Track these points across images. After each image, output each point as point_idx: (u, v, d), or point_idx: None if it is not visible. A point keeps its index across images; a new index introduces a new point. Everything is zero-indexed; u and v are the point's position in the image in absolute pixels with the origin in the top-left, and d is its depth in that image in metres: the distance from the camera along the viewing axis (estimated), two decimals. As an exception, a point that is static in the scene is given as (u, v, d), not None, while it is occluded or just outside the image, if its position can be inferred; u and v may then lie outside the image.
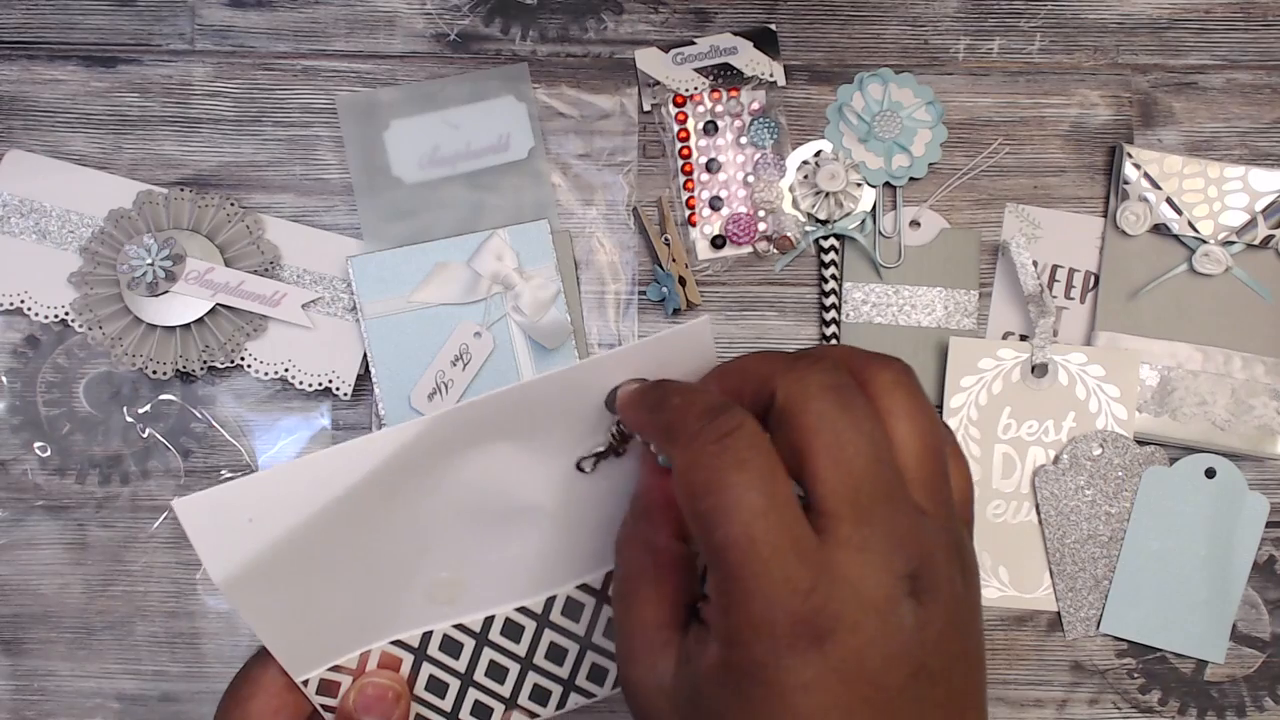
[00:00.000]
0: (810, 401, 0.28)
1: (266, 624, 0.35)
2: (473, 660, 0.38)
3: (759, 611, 0.27)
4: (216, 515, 0.33)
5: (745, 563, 0.27)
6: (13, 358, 0.57)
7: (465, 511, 0.36)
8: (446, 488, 0.35)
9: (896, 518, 0.28)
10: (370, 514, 0.34)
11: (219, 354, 0.56)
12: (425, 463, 0.34)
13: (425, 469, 0.35)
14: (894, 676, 0.27)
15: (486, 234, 0.57)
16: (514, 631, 0.38)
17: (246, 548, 0.33)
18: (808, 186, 0.58)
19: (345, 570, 0.35)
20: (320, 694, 0.36)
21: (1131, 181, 0.58)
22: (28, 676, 0.57)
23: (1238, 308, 0.58)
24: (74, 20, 0.59)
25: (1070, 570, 0.57)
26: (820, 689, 0.27)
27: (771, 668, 0.27)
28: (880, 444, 0.28)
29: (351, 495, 0.34)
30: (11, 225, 0.57)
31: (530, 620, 0.38)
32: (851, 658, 0.27)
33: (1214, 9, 0.60)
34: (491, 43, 0.59)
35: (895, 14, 0.60)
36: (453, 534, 0.36)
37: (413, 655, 0.37)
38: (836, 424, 0.28)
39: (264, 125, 0.59)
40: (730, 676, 0.28)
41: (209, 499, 0.32)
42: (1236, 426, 0.58)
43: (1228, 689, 0.58)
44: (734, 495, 0.27)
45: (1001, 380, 0.58)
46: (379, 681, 0.36)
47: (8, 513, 0.57)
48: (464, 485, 0.35)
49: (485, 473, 0.35)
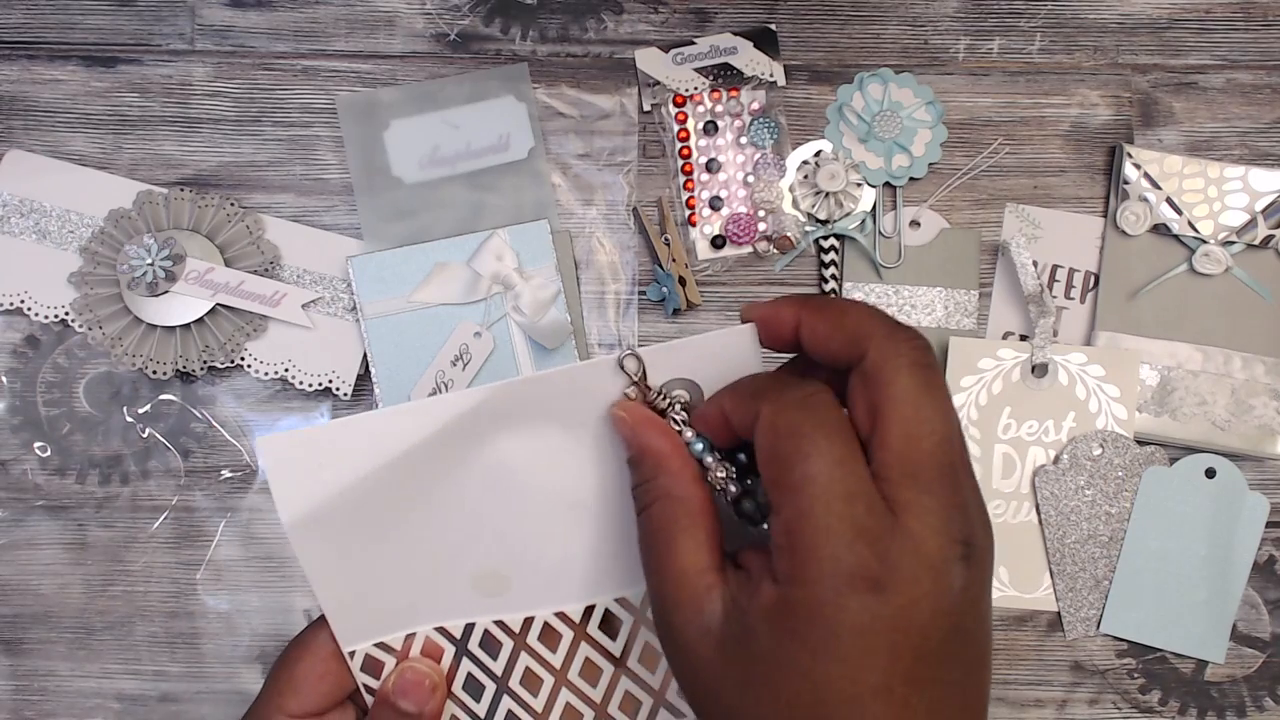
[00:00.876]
0: (901, 374, 0.30)
1: (322, 579, 0.35)
2: (509, 664, 0.38)
3: (829, 551, 0.28)
4: (295, 456, 0.34)
5: (823, 503, 0.29)
6: (13, 358, 0.57)
7: (513, 498, 0.37)
8: (498, 466, 0.36)
9: (953, 491, 0.30)
10: (426, 482, 0.35)
11: (219, 354, 0.56)
12: (482, 435, 0.35)
13: (480, 442, 0.35)
14: (936, 631, 0.29)
15: (486, 234, 0.57)
16: (551, 639, 0.38)
17: (315, 494, 0.34)
18: (808, 186, 0.58)
19: (401, 538, 0.36)
20: (364, 670, 0.37)
21: (1131, 181, 0.58)
22: (28, 676, 0.57)
23: (1238, 308, 0.58)
24: (74, 20, 0.59)
25: (1070, 570, 0.57)
26: (873, 633, 0.28)
27: (831, 607, 0.28)
28: (950, 425, 0.31)
29: (412, 457, 0.34)
30: (11, 225, 0.57)
31: (568, 629, 0.38)
32: (905, 608, 0.28)
33: (1214, 9, 0.60)
34: (491, 43, 0.59)
35: (895, 14, 0.60)
36: (500, 521, 0.37)
37: (454, 647, 0.38)
38: (919, 400, 0.30)
39: (264, 125, 0.59)
40: (787, 615, 0.29)
41: (292, 438, 0.33)
42: (1236, 426, 0.58)
43: (1228, 689, 0.58)
44: (817, 440, 0.30)
45: (1001, 380, 0.58)
46: (419, 668, 0.37)
47: (8, 513, 0.57)
48: (515, 468, 0.36)
49: (535, 458, 0.36)
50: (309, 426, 0.34)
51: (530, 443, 0.36)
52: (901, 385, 0.30)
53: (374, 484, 0.34)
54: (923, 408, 0.30)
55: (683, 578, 0.32)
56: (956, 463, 0.30)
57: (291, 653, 0.37)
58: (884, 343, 0.31)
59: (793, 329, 0.34)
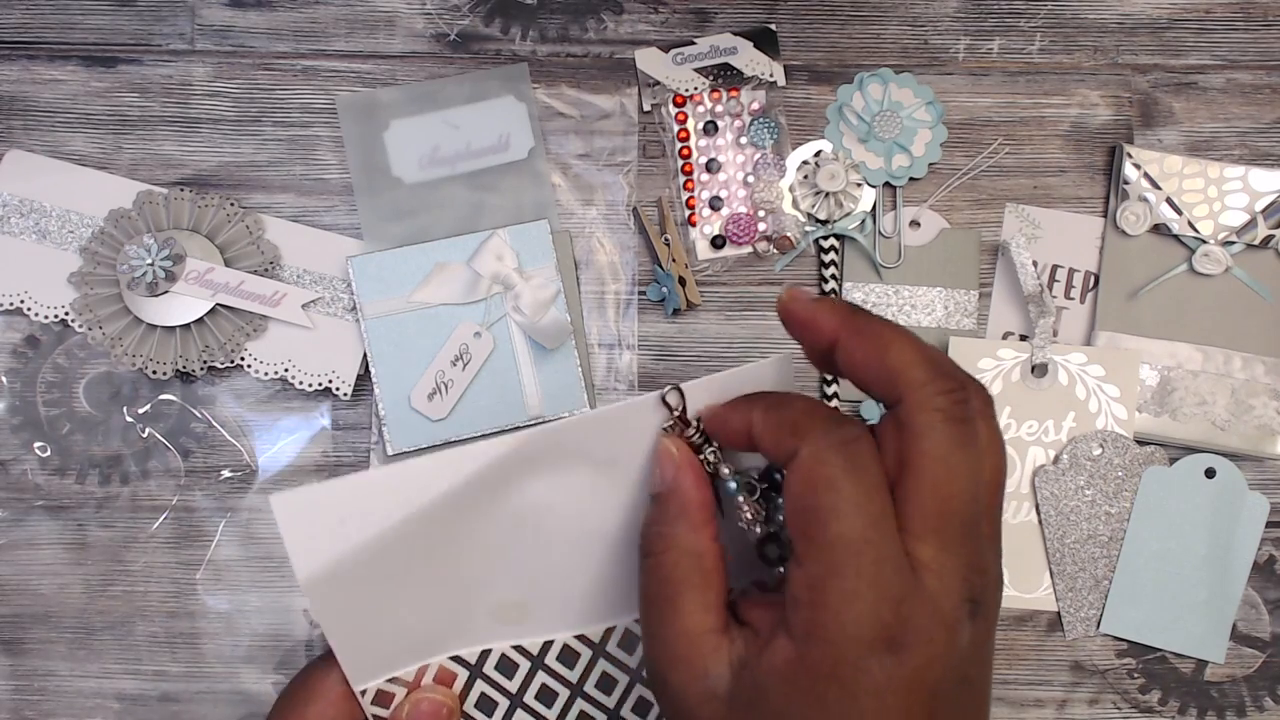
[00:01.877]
0: (935, 429, 0.30)
1: (338, 628, 0.34)
2: (525, 682, 0.38)
3: (854, 614, 0.28)
4: (311, 513, 0.33)
5: (854, 566, 0.28)
6: (13, 358, 0.57)
7: (540, 534, 0.36)
8: (526, 508, 0.35)
9: (973, 548, 0.30)
10: (451, 528, 0.34)
11: (219, 354, 0.56)
12: (510, 480, 0.34)
13: (509, 487, 0.34)
14: (947, 685, 0.29)
15: (486, 234, 0.57)
16: (569, 658, 0.38)
17: (333, 549, 0.33)
18: (808, 186, 0.58)
19: (419, 582, 0.35)
20: (375, 704, 0.36)
21: (1131, 181, 0.58)
22: (28, 676, 0.57)
23: (1238, 308, 0.58)
24: (74, 20, 0.59)
25: (1070, 570, 0.57)
26: (889, 693, 0.28)
27: (850, 667, 0.28)
28: (979, 481, 0.30)
29: (438, 507, 0.33)
30: (11, 225, 0.57)
31: (587, 649, 0.38)
32: (920, 668, 0.28)
33: (1214, 9, 0.60)
34: (491, 43, 0.59)
35: (895, 14, 0.60)
36: (525, 556, 0.36)
37: (469, 672, 0.37)
38: (951, 458, 0.30)
39: (264, 125, 0.59)
40: (804, 675, 0.29)
41: (306, 496, 0.32)
42: (1236, 426, 0.58)
43: (1228, 689, 0.58)
44: (853, 498, 0.29)
45: (1001, 380, 0.58)
46: (433, 698, 0.36)
47: (8, 513, 0.57)
48: (542, 508, 0.35)
49: (563, 496, 0.35)
50: (324, 482, 0.33)
51: (559, 483, 0.35)
52: (934, 440, 0.29)
53: (394, 536, 0.34)
54: (955, 466, 0.29)
55: (687, 638, 0.32)
56: (982, 516, 0.30)
57: (297, 695, 0.36)
58: (921, 392, 0.30)
59: (829, 342, 0.33)
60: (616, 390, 0.58)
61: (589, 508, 0.36)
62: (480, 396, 0.56)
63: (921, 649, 0.28)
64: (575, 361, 0.57)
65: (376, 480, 0.33)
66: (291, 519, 0.32)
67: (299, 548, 0.33)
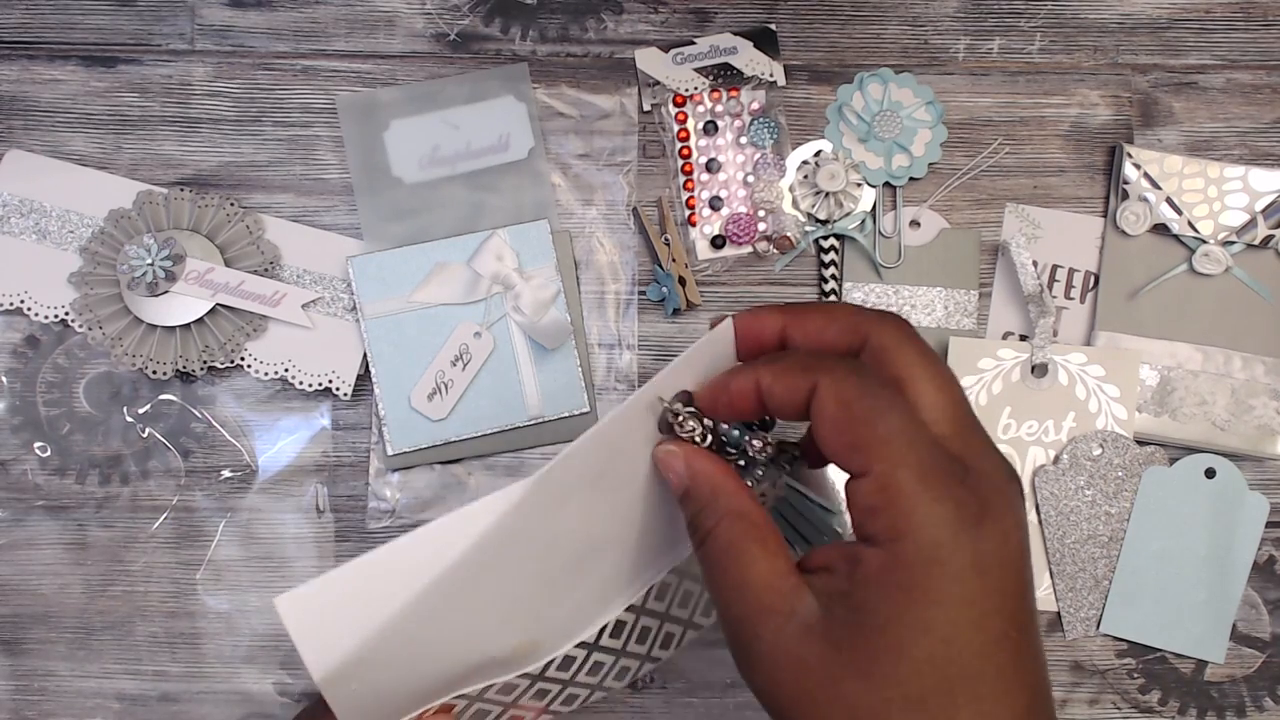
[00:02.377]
0: (905, 343, 0.33)
1: (348, 703, 0.34)
2: (521, 694, 0.38)
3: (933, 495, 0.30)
4: (318, 610, 0.32)
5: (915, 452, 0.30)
6: (13, 358, 0.57)
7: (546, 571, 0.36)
8: (532, 553, 0.35)
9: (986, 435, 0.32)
10: (460, 591, 0.34)
11: (219, 354, 0.56)
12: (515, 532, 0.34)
13: (514, 539, 0.34)
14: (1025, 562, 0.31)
15: (486, 234, 0.57)
16: (567, 664, 0.38)
17: (345, 642, 0.32)
18: (808, 186, 0.58)
19: (431, 647, 0.35)
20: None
21: (1131, 181, 0.58)
22: (28, 676, 0.57)
23: (1238, 308, 0.58)
24: (74, 20, 0.59)
25: (1070, 570, 0.57)
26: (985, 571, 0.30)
27: (946, 548, 0.29)
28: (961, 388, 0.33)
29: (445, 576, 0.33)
30: (11, 225, 0.57)
31: (583, 650, 0.38)
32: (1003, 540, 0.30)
33: (1214, 9, 0.60)
34: (491, 43, 0.59)
35: (895, 14, 0.60)
36: (534, 598, 0.36)
37: (468, 701, 0.37)
38: (933, 367, 0.33)
39: (264, 125, 0.59)
40: (904, 571, 0.30)
41: (311, 593, 0.32)
42: (1236, 426, 0.58)
43: (1228, 689, 0.58)
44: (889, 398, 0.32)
45: (1001, 380, 0.58)
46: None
47: (8, 513, 0.57)
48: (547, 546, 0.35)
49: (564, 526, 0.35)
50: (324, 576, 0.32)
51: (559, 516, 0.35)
52: (912, 350, 0.33)
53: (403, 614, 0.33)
54: (938, 372, 0.33)
55: (765, 585, 0.32)
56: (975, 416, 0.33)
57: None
58: (881, 325, 0.34)
59: (776, 334, 0.35)
60: (617, 390, 0.58)
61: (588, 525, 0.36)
62: (480, 396, 0.56)
63: (999, 519, 0.30)
64: (575, 361, 0.57)
65: (379, 560, 0.32)
66: (299, 620, 0.32)
67: (310, 647, 0.32)
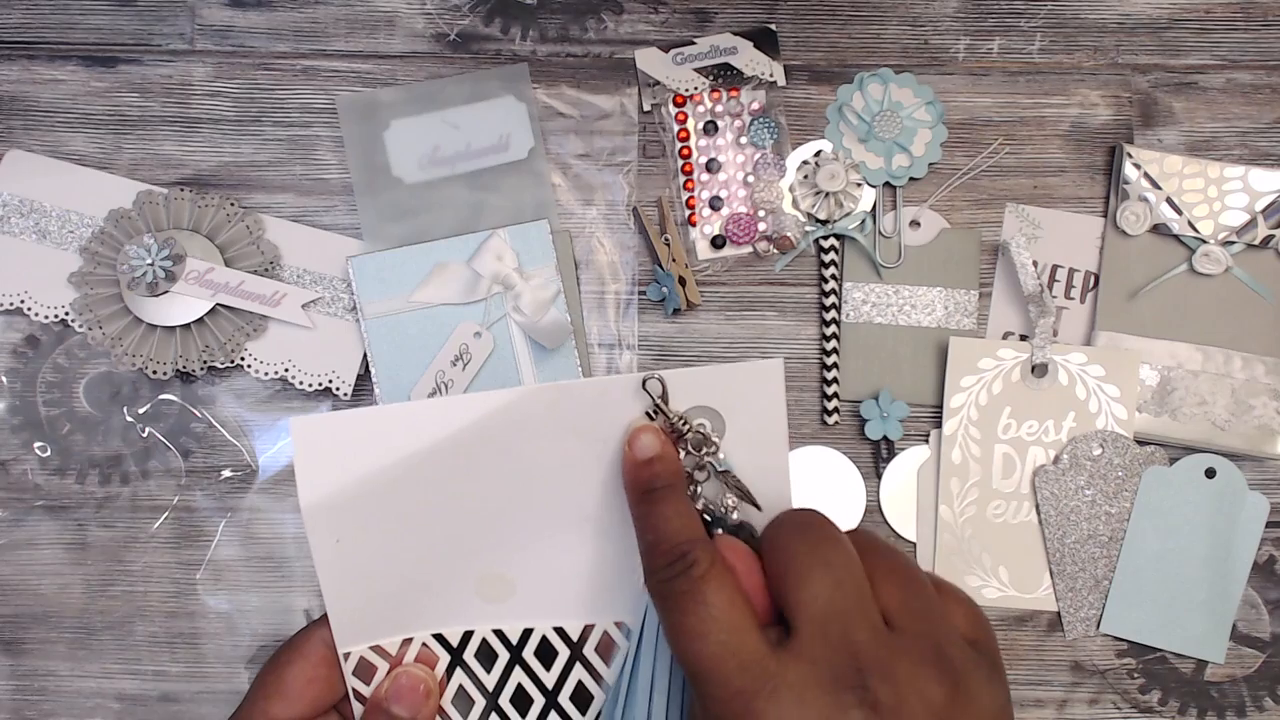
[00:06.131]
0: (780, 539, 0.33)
1: (330, 568, 0.36)
2: (502, 678, 0.38)
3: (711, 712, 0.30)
4: (324, 439, 0.35)
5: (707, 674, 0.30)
6: (13, 358, 0.57)
7: (527, 501, 0.37)
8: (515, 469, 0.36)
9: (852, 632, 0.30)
10: (446, 477, 0.36)
11: (219, 354, 0.56)
12: (504, 435, 0.36)
13: (502, 442, 0.36)
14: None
15: (486, 234, 0.57)
16: (547, 655, 0.38)
17: (339, 479, 0.35)
18: (808, 186, 0.58)
19: (413, 532, 0.36)
20: (356, 675, 0.37)
21: (1131, 181, 0.58)
22: (28, 676, 0.57)
23: (1238, 308, 0.58)
24: (74, 20, 0.59)
25: (1070, 570, 0.57)
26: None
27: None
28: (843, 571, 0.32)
29: (441, 450, 0.35)
30: (11, 225, 0.57)
31: (565, 647, 0.38)
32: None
33: (1214, 9, 0.60)
34: (491, 43, 0.59)
35: (895, 14, 0.60)
36: (513, 528, 0.37)
37: (449, 655, 0.38)
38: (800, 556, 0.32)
39: (264, 125, 0.59)
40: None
41: (324, 422, 0.35)
42: (1236, 426, 0.58)
43: (1228, 689, 0.58)
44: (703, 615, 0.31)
45: (1001, 380, 0.58)
46: (414, 673, 0.37)
47: (8, 513, 0.57)
48: (529, 472, 0.36)
49: (549, 462, 0.36)
50: (339, 412, 0.35)
51: (549, 450, 0.36)
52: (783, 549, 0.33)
53: (394, 476, 0.35)
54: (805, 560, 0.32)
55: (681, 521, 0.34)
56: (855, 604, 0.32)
57: (281, 656, 0.37)
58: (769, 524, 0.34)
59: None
60: (616, 390, 0.58)
61: (574, 485, 0.37)
62: (480, 396, 0.56)
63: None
64: (575, 361, 0.57)
65: (388, 414, 0.36)
66: (306, 442, 0.34)
67: (307, 472, 0.34)
